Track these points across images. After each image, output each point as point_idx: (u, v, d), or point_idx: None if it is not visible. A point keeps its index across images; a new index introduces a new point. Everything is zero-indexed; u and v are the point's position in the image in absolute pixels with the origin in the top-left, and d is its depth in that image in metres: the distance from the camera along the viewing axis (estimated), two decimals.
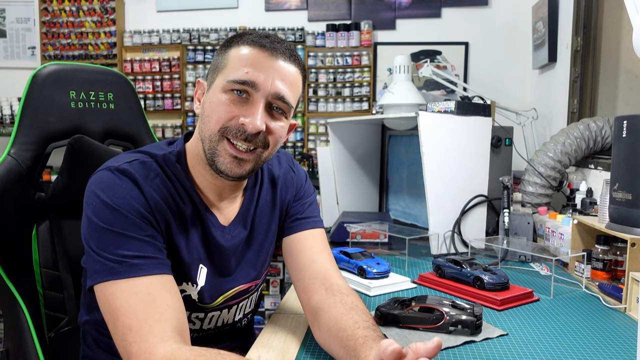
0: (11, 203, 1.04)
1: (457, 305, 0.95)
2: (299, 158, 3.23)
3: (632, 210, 1.12)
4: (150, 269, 0.77)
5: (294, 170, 1.07)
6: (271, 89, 0.84)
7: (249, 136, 0.84)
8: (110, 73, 1.25)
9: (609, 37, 2.12)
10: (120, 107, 1.25)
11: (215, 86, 0.86)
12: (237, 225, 0.96)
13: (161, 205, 0.83)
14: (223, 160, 0.85)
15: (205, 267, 0.91)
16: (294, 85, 0.88)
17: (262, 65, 0.83)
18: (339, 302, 0.87)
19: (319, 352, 0.88)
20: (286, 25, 3.35)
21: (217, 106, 0.84)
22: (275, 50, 0.85)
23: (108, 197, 0.79)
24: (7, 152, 1.07)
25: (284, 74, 0.85)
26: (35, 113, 1.11)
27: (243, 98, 0.84)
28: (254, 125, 0.82)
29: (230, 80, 0.83)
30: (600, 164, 1.78)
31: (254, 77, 0.83)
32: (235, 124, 0.83)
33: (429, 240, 1.59)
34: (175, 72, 3.48)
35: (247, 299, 1.02)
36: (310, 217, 1.04)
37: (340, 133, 2.14)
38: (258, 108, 0.83)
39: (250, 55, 0.84)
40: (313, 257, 0.97)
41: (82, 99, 1.18)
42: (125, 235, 0.77)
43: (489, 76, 3.18)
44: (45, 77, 1.13)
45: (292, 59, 0.87)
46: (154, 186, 0.84)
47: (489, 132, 1.69)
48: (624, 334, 0.95)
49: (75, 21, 3.53)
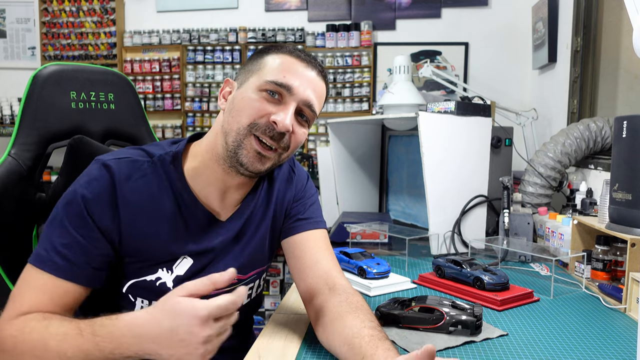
0: (11, 203, 1.04)
1: (457, 305, 0.95)
2: (299, 158, 3.23)
3: (632, 211, 1.12)
4: (61, 271, 0.81)
5: (294, 171, 1.08)
6: (303, 95, 0.89)
7: (276, 135, 0.87)
8: (111, 73, 1.25)
9: (609, 37, 2.12)
10: (120, 107, 1.26)
11: (248, 84, 0.90)
12: (233, 220, 0.98)
13: (134, 203, 0.87)
14: (247, 154, 0.88)
15: (190, 259, 0.93)
16: (321, 98, 0.95)
17: (298, 73, 0.89)
18: (344, 301, 0.87)
19: (319, 352, 0.88)
20: (286, 26, 3.35)
21: (249, 102, 0.88)
22: (310, 63, 0.92)
23: (81, 191, 0.84)
24: (8, 153, 1.07)
25: (315, 85, 0.92)
26: (36, 113, 1.11)
27: (275, 100, 0.88)
28: (284, 123, 0.86)
29: (267, 80, 0.87)
30: (600, 164, 1.78)
31: (290, 81, 0.88)
32: (265, 122, 0.87)
33: (429, 240, 1.59)
34: (175, 73, 3.48)
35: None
36: (312, 218, 1.04)
37: (340, 133, 2.14)
38: (290, 109, 0.88)
39: (288, 62, 0.90)
40: (316, 258, 0.98)
41: (82, 99, 1.18)
42: (66, 228, 0.82)
43: (489, 76, 3.18)
44: (46, 77, 1.13)
45: (323, 74, 0.94)
46: (134, 186, 0.87)
47: (489, 133, 1.69)
48: (624, 334, 0.95)
49: (75, 21, 3.53)
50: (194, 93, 3.51)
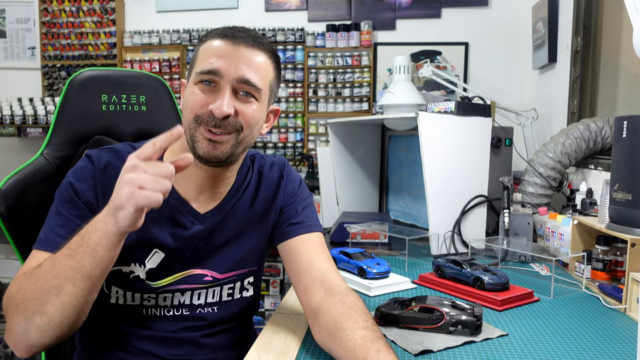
0: (34, 200, 1.09)
1: (457, 305, 0.96)
2: (299, 158, 3.23)
3: (632, 211, 1.12)
4: (59, 248, 0.83)
5: (284, 175, 1.08)
6: (235, 74, 0.89)
7: (219, 122, 0.89)
8: (144, 76, 1.31)
9: (609, 37, 2.12)
10: (152, 108, 1.31)
11: (190, 80, 0.93)
12: (212, 214, 0.99)
13: (112, 190, 0.89)
14: (201, 145, 0.90)
15: (161, 253, 0.95)
16: (262, 69, 0.92)
17: (224, 54, 0.89)
18: (339, 302, 0.87)
19: (319, 352, 0.88)
20: (286, 26, 3.34)
21: (190, 97, 0.91)
22: (237, 38, 0.91)
23: (69, 177, 0.92)
24: (41, 152, 1.17)
25: (248, 59, 0.90)
26: (69, 116, 1.20)
27: (212, 87, 0.90)
28: (221, 110, 0.88)
29: (198, 72, 0.90)
30: (600, 164, 1.78)
31: (217, 65, 0.88)
32: (206, 112, 0.89)
33: (429, 240, 1.59)
34: (175, 73, 3.48)
35: (204, 289, 1.01)
36: (305, 222, 1.04)
37: (340, 133, 2.14)
38: (224, 94, 0.89)
39: (215, 46, 0.91)
40: (311, 260, 0.98)
41: (113, 101, 1.25)
42: (60, 212, 0.89)
43: (489, 76, 3.17)
44: (80, 82, 1.22)
45: (257, 44, 0.92)
46: (113, 173, 0.89)
47: (489, 133, 1.69)
48: (624, 335, 0.95)
49: (75, 21, 3.53)
50: None
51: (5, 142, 3.39)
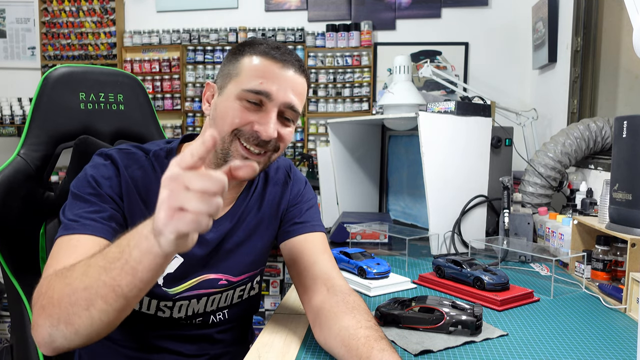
0: (17, 202, 1.06)
1: (457, 305, 0.95)
2: (299, 158, 3.23)
3: (632, 211, 1.12)
4: (92, 229, 0.82)
5: (290, 176, 1.10)
6: (283, 99, 0.89)
7: (262, 142, 0.89)
8: (121, 74, 1.28)
9: (609, 37, 2.12)
10: (130, 107, 1.28)
11: (228, 92, 0.90)
12: (225, 219, 1.00)
13: (133, 191, 0.90)
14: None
15: (180, 257, 0.95)
16: (302, 94, 0.94)
17: (275, 77, 0.89)
18: (341, 301, 0.87)
19: (319, 352, 0.88)
20: (286, 26, 3.34)
21: (230, 111, 0.89)
22: (286, 62, 0.90)
23: (90, 172, 0.89)
24: (17, 153, 1.10)
25: (295, 84, 0.91)
26: (45, 114, 1.14)
27: (256, 106, 0.89)
28: (268, 133, 0.88)
29: (245, 90, 0.88)
30: (600, 164, 1.78)
31: (267, 88, 0.88)
32: (249, 130, 0.88)
33: (429, 240, 1.59)
34: (175, 73, 3.48)
35: (219, 293, 1.01)
36: (309, 222, 1.05)
37: (340, 133, 2.14)
38: (271, 117, 0.89)
39: (263, 66, 0.89)
40: (314, 259, 0.98)
41: (91, 100, 1.21)
42: (88, 200, 0.86)
43: (489, 76, 3.18)
44: (56, 79, 1.16)
45: (301, 70, 0.93)
46: (133, 174, 0.91)
47: (489, 133, 1.69)
48: (624, 335, 0.95)
49: (75, 21, 3.53)
50: (194, 93, 3.50)
51: (5, 142, 3.39)
